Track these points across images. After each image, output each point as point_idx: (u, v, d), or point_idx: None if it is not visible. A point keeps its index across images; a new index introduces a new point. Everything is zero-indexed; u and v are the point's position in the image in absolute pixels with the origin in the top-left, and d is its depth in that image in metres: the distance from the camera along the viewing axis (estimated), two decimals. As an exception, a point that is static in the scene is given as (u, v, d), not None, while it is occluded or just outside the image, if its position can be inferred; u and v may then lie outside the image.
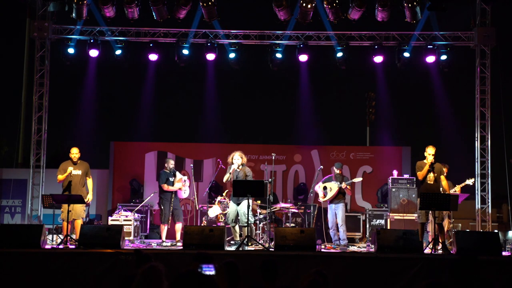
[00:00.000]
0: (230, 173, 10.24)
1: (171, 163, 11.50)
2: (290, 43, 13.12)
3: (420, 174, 9.94)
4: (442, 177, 10.01)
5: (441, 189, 10.08)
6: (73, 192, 10.29)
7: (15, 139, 15.72)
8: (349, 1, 11.85)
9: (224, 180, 10.50)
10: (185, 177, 11.53)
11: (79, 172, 10.53)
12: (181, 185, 11.32)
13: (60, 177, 10.47)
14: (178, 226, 11.22)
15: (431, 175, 9.91)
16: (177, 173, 11.46)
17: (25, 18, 16.41)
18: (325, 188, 11.33)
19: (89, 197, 10.62)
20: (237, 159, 10.27)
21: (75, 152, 10.55)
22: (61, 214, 10.28)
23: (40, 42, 12.89)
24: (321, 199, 11.42)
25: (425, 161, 9.99)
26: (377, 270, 8.14)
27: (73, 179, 10.47)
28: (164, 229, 11.27)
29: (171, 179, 11.30)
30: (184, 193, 11.57)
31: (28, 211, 12.77)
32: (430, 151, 9.95)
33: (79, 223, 10.04)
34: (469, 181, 10.82)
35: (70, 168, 10.41)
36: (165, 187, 11.24)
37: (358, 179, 12.17)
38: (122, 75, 16.17)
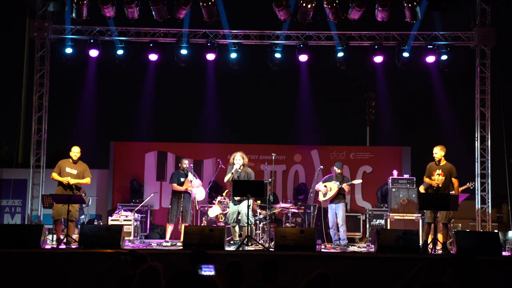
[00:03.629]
0: (232, 173, 10.22)
1: (184, 163, 11.44)
2: (290, 43, 13.12)
3: (425, 181, 10.00)
4: (454, 179, 9.90)
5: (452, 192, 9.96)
6: (65, 191, 10.11)
7: (15, 139, 15.74)
8: (349, 1, 11.85)
9: (226, 180, 10.48)
10: (192, 177, 11.41)
11: (74, 171, 10.23)
12: (187, 186, 11.26)
13: (55, 176, 10.21)
14: (183, 227, 11.16)
15: (439, 177, 9.87)
16: (189, 174, 11.38)
17: (25, 18, 16.43)
18: (325, 188, 11.33)
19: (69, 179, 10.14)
20: (238, 159, 10.26)
21: (76, 151, 10.25)
22: (52, 213, 10.02)
23: (40, 42, 12.89)
24: (321, 198, 11.42)
25: (435, 163, 10.01)
26: (377, 270, 8.13)
27: (67, 177, 10.20)
28: (168, 229, 11.27)
29: (182, 179, 11.28)
30: (198, 196, 11.48)
31: (28, 211, 12.76)
32: (434, 151, 9.99)
33: (71, 224, 9.97)
34: (470, 184, 10.79)
35: (68, 178, 10.11)
36: (174, 186, 11.25)
37: (357, 181, 12.15)
38: (122, 75, 16.18)
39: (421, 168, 10.47)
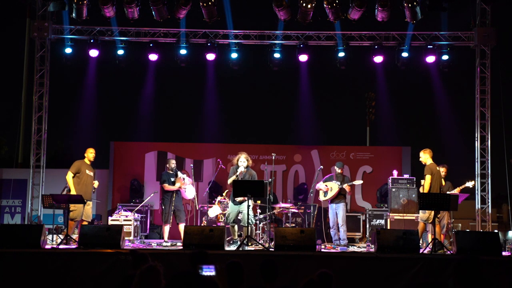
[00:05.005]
0: (237, 176, 10.18)
1: (172, 163, 11.53)
2: (290, 43, 13.12)
3: None
4: (424, 181, 10.20)
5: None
6: (85, 192, 10.36)
7: (15, 139, 15.73)
8: (349, 1, 11.85)
9: (229, 182, 10.42)
10: (184, 175, 11.48)
11: (91, 173, 10.69)
12: (181, 184, 11.31)
13: (70, 178, 10.48)
14: (181, 227, 11.15)
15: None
16: (179, 173, 11.47)
17: (25, 18, 16.43)
18: (326, 187, 11.33)
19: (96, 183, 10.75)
20: (243, 161, 10.23)
21: (93, 152, 10.73)
22: (71, 213, 10.16)
23: (40, 42, 12.89)
24: (321, 197, 11.41)
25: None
26: (377, 270, 8.12)
27: (88, 180, 10.56)
28: (165, 229, 11.29)
29: (172, 179, 11.31)
30: (188, 193, 11.51)
31: (28, 211, 12.77)
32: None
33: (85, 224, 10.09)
34: (469, 183, 10.82)
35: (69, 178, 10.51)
36: (166, 186, 11.27)
37: (358, 182, 12.12)
38: (122, 75, 16.18)
39: (421, 168, 10.50)
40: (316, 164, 14.11)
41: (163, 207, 11.37)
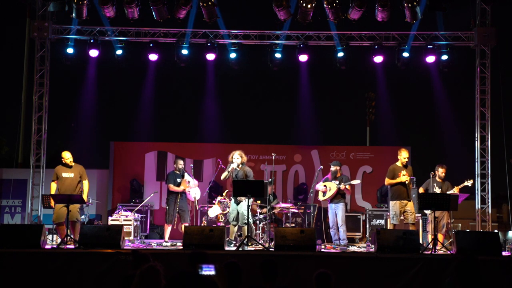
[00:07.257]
0: (228, 171, 10.26)
1: (180, 164, 11.43)
2: (290, 43, 13.12)
3: (390, 182, 10.42)
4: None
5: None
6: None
7: (15, 139, 15.73)
8: (349, 1, 11.85)
9: (222, 177, 10.52)
10: (190, 178, 11.42)
11: (71, 175, 10.32)
12: (185, 186, 11.27)
13: (53, 188, 10.31)
14: (183, 227, 11.14)
15: (405, 177, 10.29)
16: (186, 174, 11.39)
17: (25, 18, 16.42)
18: (325, 187, 11.33)
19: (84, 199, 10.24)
20: (236, 158, 10.28)
21: (68, 157, 10.32)
22: (53, 217, 10.09)
23: (40, 42, 12.89)
24: (320, 197, 11.42)
25: (398, 163, 10.43)
26: (377, 270, 8.13)
27: (67, 182, 10.27)
28: (167, 229, 11.27)
29: (178, 180, 11.27)
30: (193, 195, 11.47)
31: (28, 211, 12.77)
32: (404, 155, 10.40)
33: (75, 224, 10.01)
34: (468, 183, 10.83)
35: (53, 185, 10.33)
36: (171, 187, 11.24)
37: (356, 181, 12.13)
38: (122, 75, 16.17)
39: (421, 168, 10.54)
40: (316, 164, 14.11)
41: (167, 207, 11.33)
